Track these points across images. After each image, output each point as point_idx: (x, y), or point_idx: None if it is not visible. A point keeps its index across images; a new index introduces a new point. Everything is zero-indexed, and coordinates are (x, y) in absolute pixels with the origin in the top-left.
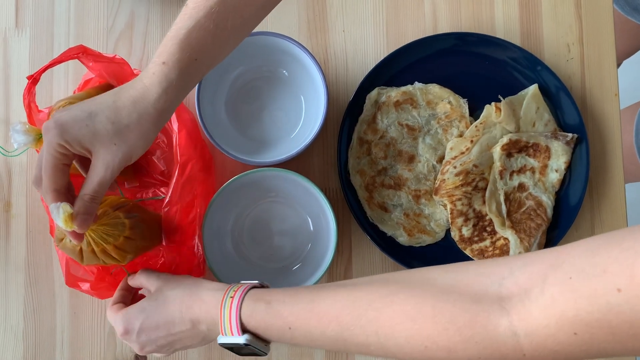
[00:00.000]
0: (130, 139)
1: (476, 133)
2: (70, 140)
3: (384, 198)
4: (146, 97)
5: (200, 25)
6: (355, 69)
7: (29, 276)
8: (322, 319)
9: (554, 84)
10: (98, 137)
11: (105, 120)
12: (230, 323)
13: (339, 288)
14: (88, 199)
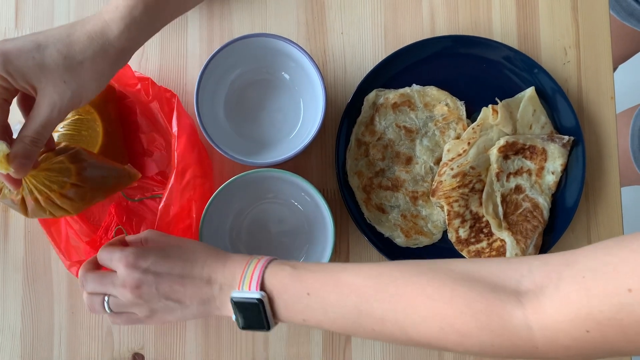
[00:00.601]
0: (83, 78)
1: (473, 135)
2: (12, 72)
3: (382, 199)
4: (105, 33)
5: None
6: (354, 70)
7: (26, 276)
8: (342, 289)
9: (550, 86)
10: (46, 72)
11: (56, 54)
12: (251, 277)
13: (364, 264)
14: (29, 141)
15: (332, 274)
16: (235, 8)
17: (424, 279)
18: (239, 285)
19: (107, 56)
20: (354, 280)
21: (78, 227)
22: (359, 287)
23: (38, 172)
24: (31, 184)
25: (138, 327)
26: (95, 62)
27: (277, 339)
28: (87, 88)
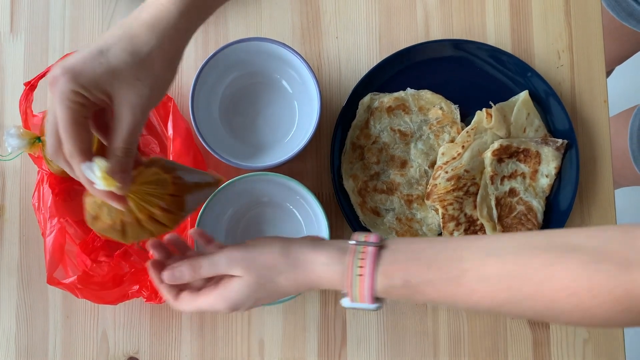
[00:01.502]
0: (155, 70)
1: (467, 138)
2: (85, 84)
3: (377, 202)
4: (164, 18)
5: None
6: (349, 74)
7: (21, 280)
8: (472, 296)
9: (544, 90)
10: (117, 74)
11: (121, 53)
12: (362, 297)
13: (486, 258)
14: (121, 152)
15: (454, 280)
16: (230, 12)
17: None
18: (349, 293)
19: (172, 40)
20: (481, 287)
21: (72, 230)
22: (491, 293)
23: (139, 187)
24: (132, 201)
25: (133, 331)
26: (163, 49)
27: (272, 342)
28: (162, 78)
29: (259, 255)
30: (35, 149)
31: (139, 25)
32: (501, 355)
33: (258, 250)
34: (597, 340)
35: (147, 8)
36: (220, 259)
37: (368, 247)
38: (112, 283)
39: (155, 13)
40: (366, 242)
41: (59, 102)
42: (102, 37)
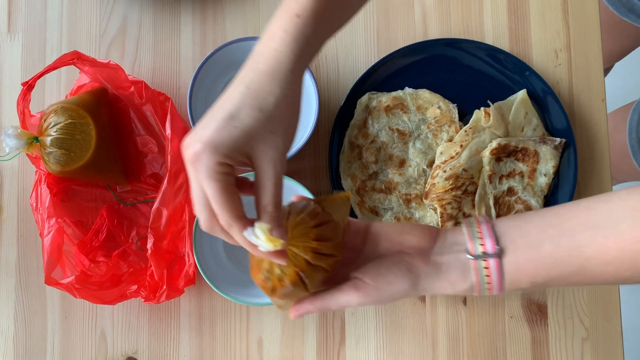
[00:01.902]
0: (285, 118)
1: (465, 138)
2: (228, 153)
3: (375, 202)
4: (282, 64)
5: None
6: (347, 74)
7: (19, 280)
8: (596, 280)
9: (542, 89)
10: (253, 134)
11: (251, 111)
12: (490, 292)
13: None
14: (272, 208)
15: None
16: (228, 12)
17: None
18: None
19: (293, 85)
20: (605, 271)
21: (71, 231)
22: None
23: (292, 236)
24: (290, 253)
25: (132, 331)
26: (286, 96)
27: (271, 341)
28: (291, 124)
29: (391, 298)
30: (33, 149)
31: (259, 78)
32: (500, 354)
33: (389, 294)
34: (596, 338)
35: (262, 57)
36: (351, 303)
37: (489, 261)
38: (111, 283)
39: (272, 62)
40: (485, 254)
41: (207, 177)
42: (219, 102)
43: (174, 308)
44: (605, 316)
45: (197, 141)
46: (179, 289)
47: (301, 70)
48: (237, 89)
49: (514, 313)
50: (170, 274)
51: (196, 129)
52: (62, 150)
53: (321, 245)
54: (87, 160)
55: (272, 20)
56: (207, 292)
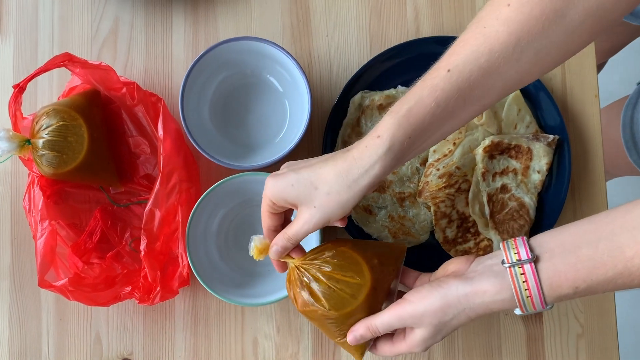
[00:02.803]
0: (329, 207)
1: (458, 135)
2: (279, 198)
3: (369, 201)
4: (351, 172)
5: (422, 102)
6: (339, 73)
7: (13, 283)
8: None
9: (534, 85)
10: (301, 198)
11: (309, 185)
12: (534, 308)
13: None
14: (286, 238)
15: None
16: (219, 12)
17: None
18: (521, 309)
19: (351, 191)
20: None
21: (64, 233)
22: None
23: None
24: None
25: (127, 332)
26: (340, 194)
27: (266, 341)
28: (332, 213)
29: (424, 312)
30: (25, 151)
31: (330, 170)
32: (495, 351)
33: (422, 308)
34: (591, 334)
35: (348, 155)
36: (392, 321)
37: (525, 266)
38: (104, 285)
39: (347, 165)
40: (520, 261)
41: (263, 204)
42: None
43: (169, 309)
44: (600, 312)
45: (267, 186)
46: (173, 290)
47: (367, 185)
48: (316, 164)
49: (509, 310)
50: (164, 275)
51: (283, 172)
52: (54, 153)
53: (334, 273)
54: (79, 162)
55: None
56: (202, 293)
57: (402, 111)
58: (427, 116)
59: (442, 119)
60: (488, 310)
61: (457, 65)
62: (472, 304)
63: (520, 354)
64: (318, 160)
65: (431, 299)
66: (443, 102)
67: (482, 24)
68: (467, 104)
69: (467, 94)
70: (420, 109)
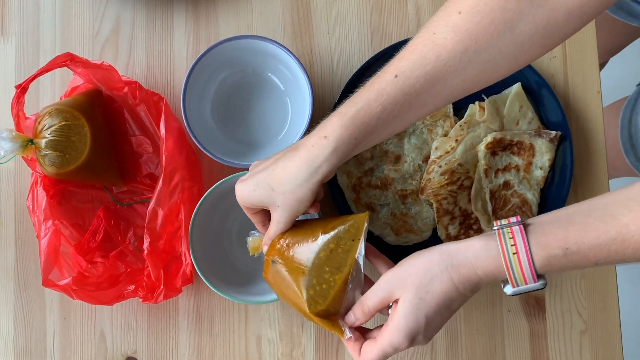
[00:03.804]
0: (289, 205)
1: (461, 132)
2: (248, 204)
3: (371, 198)
4: (300, 172)
5: (369, 106)
6: (341, 70)
7: (18, 283)
8: (639, 251)
9: (537, 82)
10: (264, 200)
11: (267, 187)
12: (524, 277)
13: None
14: (269, 237)
15: (615, 237)
16: (221, 10)
17: None
18: (509, 276)
19: (303, 188)
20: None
21: (68, 232)
22: None
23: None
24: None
25: (131, 331)
26: (294, 193)
27: (270, 339)
28: (295, 209)
29: (409, 267)
30: (28, 151)
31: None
32: (498, 347)
33: (408, 263)
34: (594, 330)
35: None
36: (379, 285)
37: (513, 227)
38: (108, 283)
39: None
40: (509, 223)
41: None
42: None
43: (173, 307)
44: (603, 308)
45: (236, 193)
46: (176, 289)
47: (318, 181)
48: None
49: (512, 307)
50: (168, 273)
51: (246, 177)
52: (57, 153)
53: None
54: (82, 161)
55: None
56: (205, 291)
57: (349, 113)
58: (373, 119)
59: (387, 121)
60: (472, 271)
61: (404, 72)
62: (455, 260)
63: (524, 351)
64: (274, 159)
65: (415, 258)
66: (389, 106)
67: (432, 30)
68: (412, 108)
69: (413, 99)
70: (366, 112)
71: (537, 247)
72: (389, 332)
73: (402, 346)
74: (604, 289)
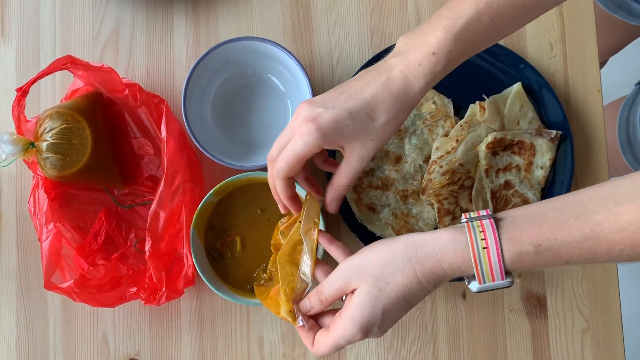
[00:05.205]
0: (386, 132)
1: (461, 132)
2: (330, 141)
3: (372, 199)
4: (408, 92)
5: (479, 19)
6: (341, 71)
7: (20, 286)
8: (612, 250)
9: (537, 81)
10: (357, 136)
11: (366, 119)
12: (492, 273)
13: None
14: (343, 189)
15: (589, 235)
16: (220, 12)
17: None
18: (478, 278)
19: (407, 110)
20: (617, 236)
21: (70, 235)
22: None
23: None
24: None
25: (133, 333)
26: (398, 118)
27: (272, 340)
28: (387, 138)
29: (370, 257)
30: (29, 154)
31: (386, 94)
32: (500, 346)
33: (369, 252)
34: (596, 329)
35: (396, 76)
36: (336, 273)
37: (483, 220)
38: (110, 286)
39: (402, 86)
40: (479, 217)
41: (303, 145)
42: (350, 90)
43: (175, 309)
44: (604, 307)
45: (318, 123)
46: (178, 290)
47: (419, 100)
48: (367, 92)
49: (514, 306)
50: (170, 275)
51: (325, 101)
52: (58, 155)
53: None
54: (83, 164)
55: (409, 39)
56: (207, 292)
57: (457, 27)
58: (481, 34)
59: (492, 37)
60: (437, 264)
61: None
62: (421, 252)
63: (525, 350)
64: (359, 84)
65: (377, 246)
66: (497, 18)
67: None
68: (516, 21)
69: (518, 12)
70: (476, 25)
71: (508, 242)
72: (342, 323)
73: (355, 338)
74: (606, 287)
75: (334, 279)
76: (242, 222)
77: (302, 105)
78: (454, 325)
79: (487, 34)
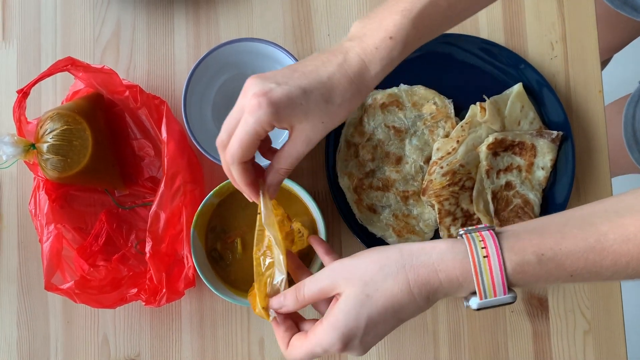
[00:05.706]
0: (337, 116)
1: (462, 133)
2: (282, 119)
3: (373, 200)
4: (364, 76)
5: (436, 2)
6: None
7: (21, 286)
8: (618, 262)
9: (537, 82)
10: (308, 116)
11: (320, 99)
12: (493, 285)
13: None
14: (283, 172)
15: (594, 245)
16: (221, 13)
17: None
18: (479, 293)
19: (360, 95)
20: (626, 249)
21: (70, 236)
22: (638, 255)
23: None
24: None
25: (134, 334)
26: (351, 103)
27: (272, 341)
28: (337, 123)
29: (361, 261)
30: (30, 156)
31: (342, 76)
32: (501, 348)
33: (361, 256)
34: (598, 331)
35: (353, 60)
36: (322, 273)
37: (482, 232)
38: (110, 287)
39: (358, 69)
40: (477, 228)
41: (254, 122)
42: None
43: (175, 310)
44: (606, 308)
45: (269, 97)
46: (179, 292)
47: (375, 85)
48: (322, 73)
49: (515, 307)
50: (170, 276)
51: (277, 77)
52: (59, 157)
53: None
54: (84, 165)
55: (365, 23)
56: (208, 293)
57: (414, 10)
58: (439, 18)
59: (449, 20)
60: (433, 273)
61: None
62: (416, 260)
63: (527, 351)
64: (315, 64)
65: (371, 252)
66: (454, 1)
67: None
68: (475, 3)
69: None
70: (434, 9)
71: (509, 251)
72: (322, 329)
73: (334, 348)
74: (608, 288)
75: (319, 277)
76: (243, 224)
77: (251, 79)
78: (455, 326)
79: (445, 18)
